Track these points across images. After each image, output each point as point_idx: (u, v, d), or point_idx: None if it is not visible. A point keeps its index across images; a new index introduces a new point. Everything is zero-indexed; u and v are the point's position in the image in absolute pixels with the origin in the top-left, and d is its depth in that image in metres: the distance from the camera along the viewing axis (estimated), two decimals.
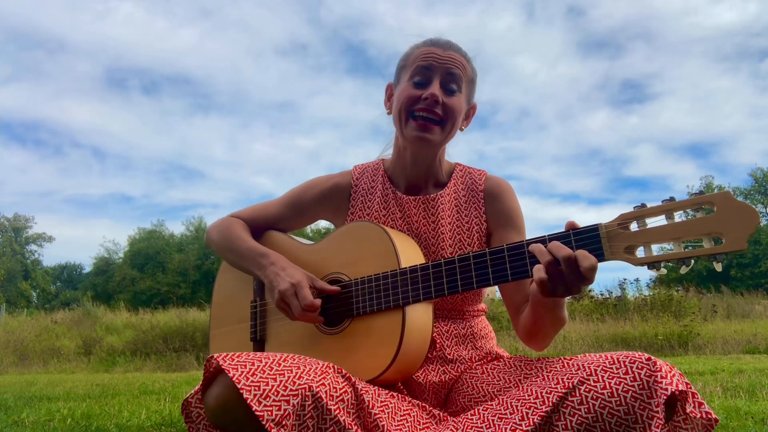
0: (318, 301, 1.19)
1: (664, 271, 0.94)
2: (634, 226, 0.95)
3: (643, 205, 0.95)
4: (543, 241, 1.02)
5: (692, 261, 0.91)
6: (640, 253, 0.94)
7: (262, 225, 1.47)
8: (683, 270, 0.92)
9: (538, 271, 0.98)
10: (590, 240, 0.97)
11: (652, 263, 0.94)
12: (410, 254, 1.22)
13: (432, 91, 1.26)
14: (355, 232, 1.28)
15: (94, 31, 58.13)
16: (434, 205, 1.35)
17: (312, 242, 1.39)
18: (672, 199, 0.93)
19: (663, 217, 0.94)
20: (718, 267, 0.90)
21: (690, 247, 0.91)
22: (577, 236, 0.98)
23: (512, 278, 1.05)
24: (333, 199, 1.44)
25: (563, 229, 1.01)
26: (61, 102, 61.64)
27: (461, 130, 1.37)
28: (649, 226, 0.94)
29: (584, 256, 0.95)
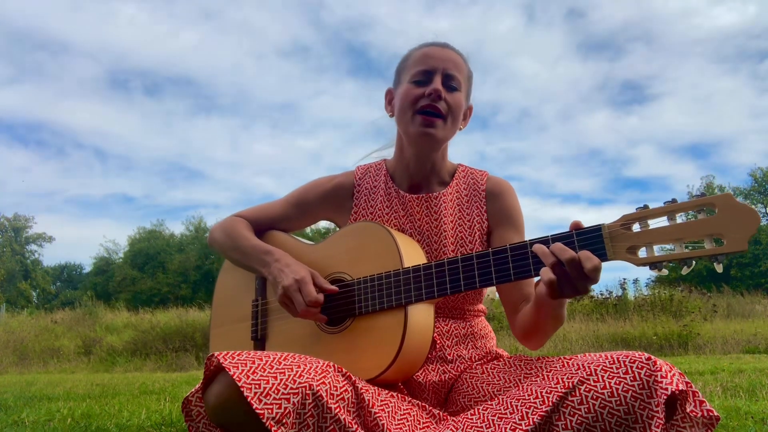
0: (321, 297, 1.20)
1: (665, 271, 0.95)
2: (636, 227, 0.96)
3: (646, 207, 0.96)
4: (546, 241, 1.03)
5: (693, 262, 0.91)
6: (642, 253, 0.95)
7: (266, 225, 1.48)
8: (684, 270, 0.93)
9: (546, 273, 0.99)
10: (593, 240, 0.98)
11: (653, 263, 0.94)
12: (413, 254, 1.22)
13: (435, 87, 1.28)
14: (358, 232, 1.28)
15: (97, 33, 58.10)
16: (437, 203, 1.36)
17: (314, 242, 1.40)
18: (674, 200, 0.93)
19: (665, 218, 0.95)
20: (719, 268, 0.91)
21: (691, 248, 0.92)
22: (580, 236, 0.99)
23: (515, 278, 1.06)
24: (336, 198, 1.45)
25: (567, 229, 1.02)
26: (64, 103, 61.57)
27: (460, 129, 1.39)
28: (651, 227, 0.95)
29: (587, 258, 0.95)
